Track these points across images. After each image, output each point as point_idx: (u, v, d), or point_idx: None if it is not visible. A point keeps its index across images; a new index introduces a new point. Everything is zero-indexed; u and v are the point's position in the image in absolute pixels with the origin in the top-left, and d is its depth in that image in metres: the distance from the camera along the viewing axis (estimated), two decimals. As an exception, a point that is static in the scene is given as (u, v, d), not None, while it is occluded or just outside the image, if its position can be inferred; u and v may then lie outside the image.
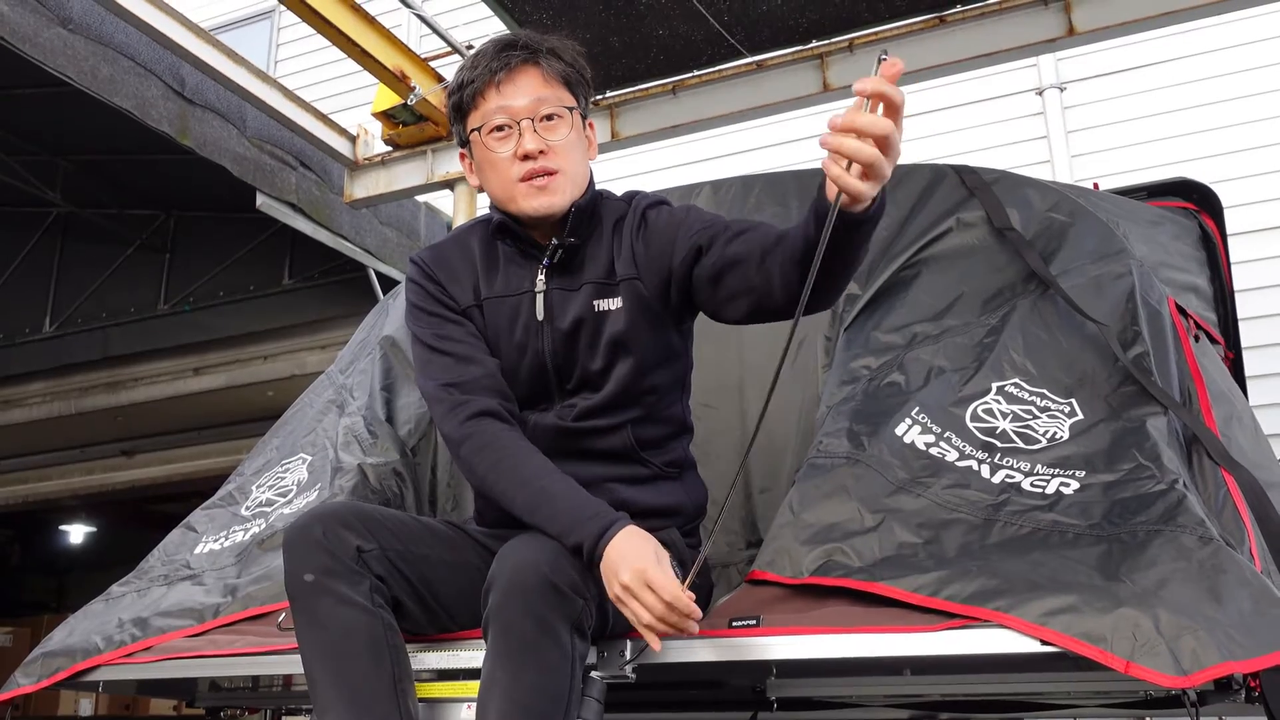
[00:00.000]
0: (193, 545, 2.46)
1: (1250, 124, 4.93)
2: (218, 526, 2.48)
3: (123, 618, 2.23)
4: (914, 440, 1.88)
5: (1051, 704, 2.13)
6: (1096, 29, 3.68)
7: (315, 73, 7.06)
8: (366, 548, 1.64)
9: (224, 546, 2.38)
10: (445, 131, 4.58)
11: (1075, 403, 1.87)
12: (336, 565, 1.61)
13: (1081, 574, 1.52)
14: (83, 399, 6.62)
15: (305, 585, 1.61)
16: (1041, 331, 2.04)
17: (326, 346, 5.78)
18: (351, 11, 4.06)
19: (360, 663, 1.58)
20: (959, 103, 5.44)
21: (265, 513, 2.44)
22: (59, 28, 4.05)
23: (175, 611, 2.18)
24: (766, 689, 2.01)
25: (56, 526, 10.73)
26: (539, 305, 1.86)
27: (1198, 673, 1.33)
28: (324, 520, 1.66)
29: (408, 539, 1.72)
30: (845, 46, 3.98)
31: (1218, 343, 2.35)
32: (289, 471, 2.56)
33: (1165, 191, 2.73)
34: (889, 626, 1.56)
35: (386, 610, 1.65)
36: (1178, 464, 1.71)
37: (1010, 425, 1.88)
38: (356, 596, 1.61)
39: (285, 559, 1.65)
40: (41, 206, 6.35)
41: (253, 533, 2.36)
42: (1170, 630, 1.37)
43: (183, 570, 2.38)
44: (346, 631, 1.59)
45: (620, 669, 1.65)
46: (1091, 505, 1.67)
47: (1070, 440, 1.80)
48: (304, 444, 2.61)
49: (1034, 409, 1.87)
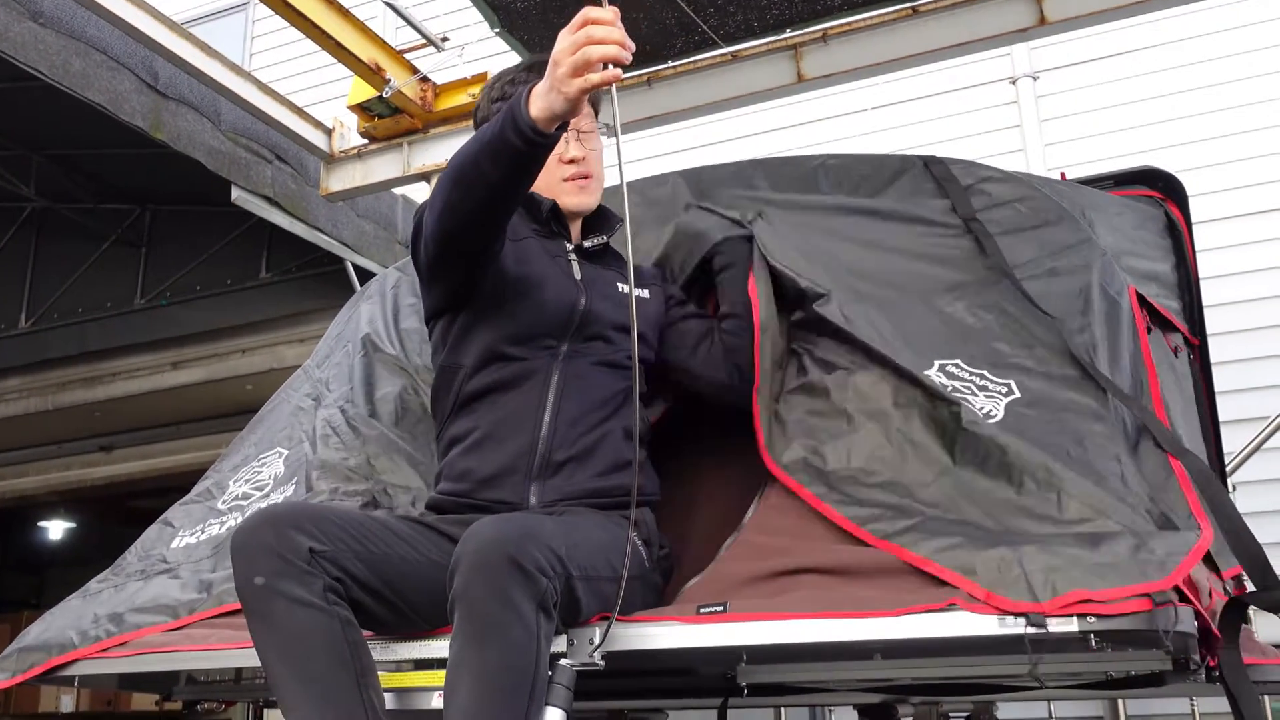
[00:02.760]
0: (169, 540, 2.46)
1: (1219, 112, 4.98)
2: (194, 521, 2.49)
3: (98, 613, 2.23)
4: None
5: (1021, 685, 2.16)
6: (1067, 18, 3.72)
7: (290, 65, 7.03)
8: (320, 549, 1.62)
9: (200, 540, 2.38)
10: (421, 124, 4.58)
11: (1013, 383, 1.91)
12: (287, 567, 1.59)
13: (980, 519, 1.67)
14: (60, 394, 6.58)
15: (256, 589, 1.59)
16: (993, 317, 2.07)
17: (305, 340, 5.76)
18: (325, 4, 4.06)
19: (320, 661, 1.58)
20: (932, 92, 5.46)
21: (241, 506, 2.44)
22: (30, 22, 4.02)
23: (150, 607, 2.18)
24: (737, 675, 2.03)
25: (35, 523, 10.67)
26: (575, 268, 2.11)
27: (1052, 599, 1.41)
28: (275, 522, 1.64)
29: (365, 538, 1.70)
30: (819, 37, 4.01)
31: (1180, 330, 2.38)
32: (265, 465, 2.57)
33: (1131, 180, 2.76)
34: (856, 612, 1.58)
35: (343, 606, 1.63)
36: (1113, 447, 1.75)
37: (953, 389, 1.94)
38: (310, 596, 1.59)
39: (234, 562, 1.63)
40: (16, 201, 6.30)
41: (229, 526, 2.37)
42: (1032, 565, 1.48)
43: (159, 565, 2.38)
44: (303, 632, 1.58)
45: (589, 656, 1.66)
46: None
47: (1003, 417, 1.84)
48: (280, 438, 2.62)
49: (973, 387, 1.90)
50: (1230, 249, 4.70)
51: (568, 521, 1.77)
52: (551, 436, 1.96)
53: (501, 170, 1.77)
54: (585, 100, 1.68)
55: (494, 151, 1.75)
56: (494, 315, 2.02)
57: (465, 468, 1.99)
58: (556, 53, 1.64)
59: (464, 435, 2.02)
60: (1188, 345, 2.43)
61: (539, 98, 1.68)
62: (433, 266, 2.01)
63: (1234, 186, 4.82)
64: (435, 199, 1.90)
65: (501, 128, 1.72)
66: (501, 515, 1.66)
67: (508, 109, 1.72)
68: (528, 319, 2.01)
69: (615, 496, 1.95)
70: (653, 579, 1.95)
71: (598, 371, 2.04)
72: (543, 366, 2.01)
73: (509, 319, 2.01)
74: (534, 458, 1.95)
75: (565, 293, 2.05)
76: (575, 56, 1.61)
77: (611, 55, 1.60)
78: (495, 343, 2.01)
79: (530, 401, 1.98)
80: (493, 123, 1.76)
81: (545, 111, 1.67)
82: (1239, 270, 4.69)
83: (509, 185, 1.81)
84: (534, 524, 1.64)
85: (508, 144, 1.72)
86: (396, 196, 5.72)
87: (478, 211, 1.85)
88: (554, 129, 1.70)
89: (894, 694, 2.37)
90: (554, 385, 1.99)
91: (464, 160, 1.82)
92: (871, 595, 1.61)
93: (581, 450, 1.97)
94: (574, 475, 1.95)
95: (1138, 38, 5.14)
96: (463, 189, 1.83)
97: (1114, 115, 5.18)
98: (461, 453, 2.01)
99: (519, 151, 1.72)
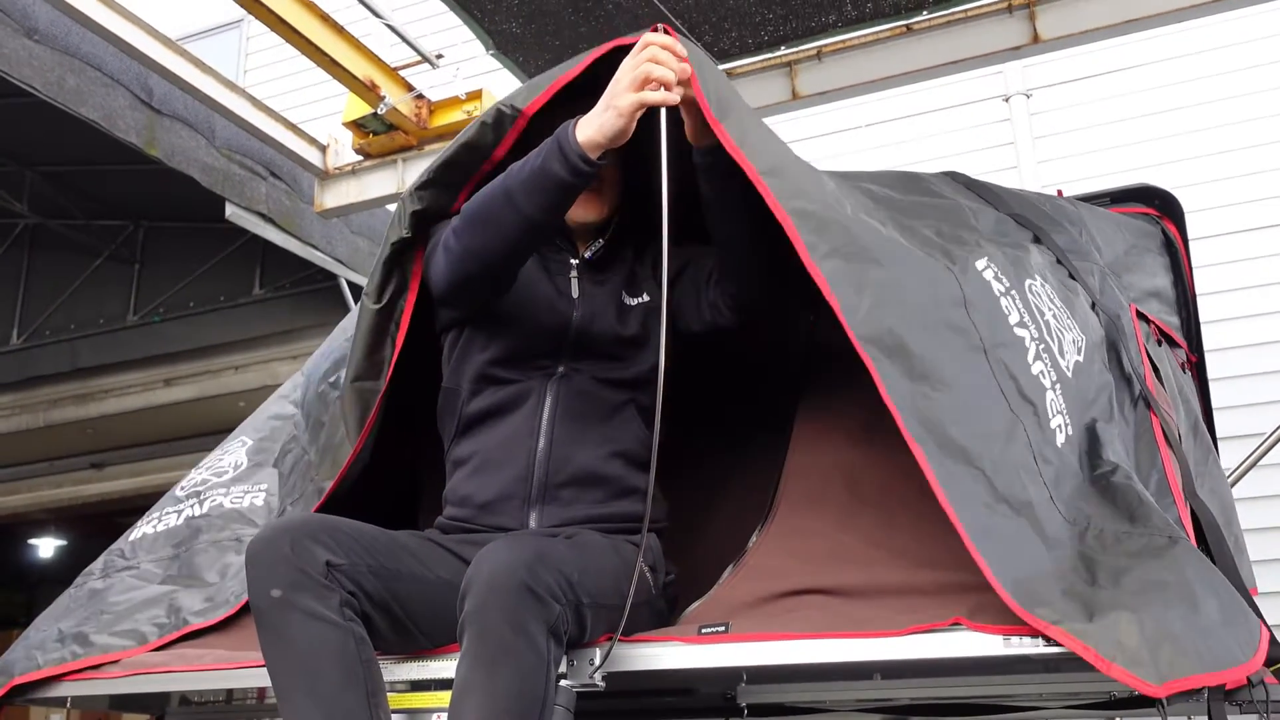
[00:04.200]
0: (129, 532, 2.44)
1: (1214, 129, 5.00)
2: (155, 509, 2.47)
3: (62, 628, 2.20)
4: None
5: (1020, 706, 2.15)
6: (1061, 36, 3.73)
7: (285, 82, 7.02)
8: (337, 562, 1.61)
9: (158, 531, 2.36)
10: (415, 141, 4.57)
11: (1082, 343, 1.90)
12: (305, 580, 1.58)
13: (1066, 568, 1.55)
14: (51, 411, 6.55)
15: (272, 601, 1.58)
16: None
17: (298, 356, 5.73)
18: (320, 21, 4.05)
19: (332, 678, 1.56)
20: (926, 110, 5.48)
21: (199, 492, 2.41)
22: (24, 38, 4.01)
23: (117, 631, 2.15)
24: (737, 695, 2.02)
25: (25, 540, 10.60)
26: (573, 285, 2.04)
27: (1172, 681, 1.35)
28: (292, 533, 1.63)
29: (379, 554, 1.69)
30: (814, 54, 4.02)
31: (1180, 346, 2.38)
32: (227, 454, 2.54)
33: (1128, 197, 2.77)
34: (858, 632, 1.57)
35: (358, 623, 1.62)
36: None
37: (1051, 318, 1.90)
38: (326, 611, 1.58)
39: (249, 573, 1.62)
40: (9, 218, 6.28)
41: (185, 515, 2.34)
42: (1152, 636, 1.38)
43: (119, 560, 2.36)
44: (316, 647, 1.57)
45: (590, 677, 1.65)
46: (1063, 478, 1.70)
47: (1073, 378, 1.81)
48: (246, 428, 2.60)
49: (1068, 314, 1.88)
50: (1226, 265, 4.71)
51: (578, 544, 1.76)
52: (548, 460, 1.93)
53: (537, 204, 1.77)
54: (634, 124, 1.70)
55: (533, 185, 1.76)
56: (486, 338, 2.00)
57: (466, 493, 1.97)
58: (619, 73, 1.69)
59: (465, 459, 2.01)
60: (1186, 362, 2.43)
61: (588, 123, 1.70)
62: (446, 298, 2.00)
63: (1230, 203, 4.84)
64: (452, 245, 1.89)
65: (544, 160, 1.73)
66: (514, 536, 1.65)
67: (550, 142, 1.74)
68: (516, 341, 1.99)
69: (618, 523, 1.93)
70: (658, 605, 1.92)
71: (598, 389, 2.00)
72: (537, 388, 1.98)
73: (499, 342, 1.99)
74: (531, 484, 1.93)
75: (555, 311, 2.02)
76: (636, 72, 1.66)
77: (669, 79, 1.67)
78: (487, 366, 2.00)
79: (525, 425, 1.96)
80: (526, 160, 1.78)
81: (597, 132, 1.69)
82: (1236, 286, 4.70)
83: (544, 220, 1.81)
84: (546, 547, 1.62)
85: (550, 175, 1.73)
86: (391, 213, 5.70)
87: (501, 252, 1.85)
88: (598, 158, 1.72)
89: (894, 715, 2.35)
90: (548, 406, 1.96)
91: (489, 200, 1.82)
92: (874, 615, 1.60)
93: (582, 475, 1.94)
94: (574, 502, 1.93)
95: (1131, 55, 5.17)
96: (489, 229, 1.83)
97: (1108, 132, 5.20)
98: (463, 478, 1.99)
99: (563, 183, 1.73)
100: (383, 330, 2.04)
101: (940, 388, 1.62)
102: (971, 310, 1.75)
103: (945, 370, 1.64)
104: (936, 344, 1.67)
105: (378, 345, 2.05)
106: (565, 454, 1.94)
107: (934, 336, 1.68)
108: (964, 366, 1.68)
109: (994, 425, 1.65)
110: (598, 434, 1.97)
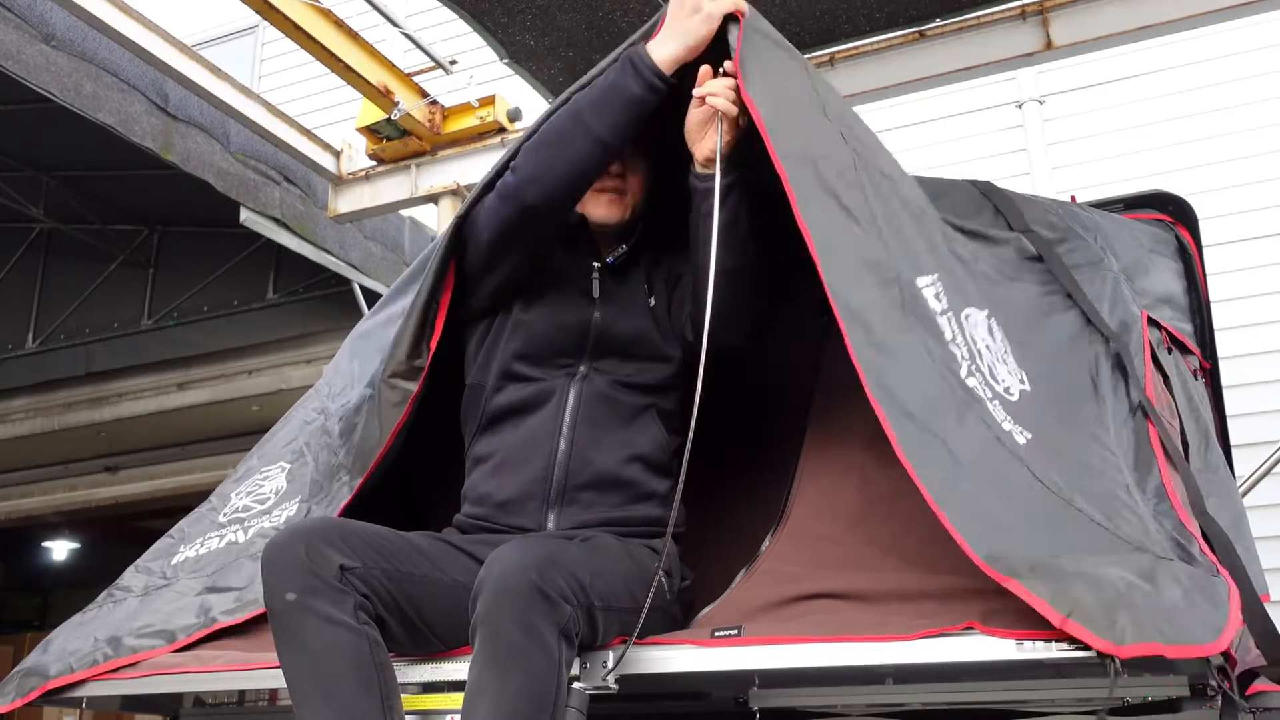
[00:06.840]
0: (170, 554, 2.45)
1: (1227, 135, 4.99)
2: (196, 534, 2.48)
3: (98, 635, 2.22)
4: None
5: (1034, 712, 2.14)
6: (1074, 43, 3.73)
7: (299, 87, 7.06)
8: (350, 565, 1.61)
9: (199, 554, 2.37)
10: (429, 146, 4.59)
11: (1025, 374, 1.90)
12: (319, 583, 1.58)
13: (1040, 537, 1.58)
14: (66, 415, 6.58)
15: (287, 604, 1.58)
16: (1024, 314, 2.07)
17: (312, 361, 5.76)
18: (335, 27, 4.08)
19: (347, 682, 1.56)
20: (939, 116, 5.48)
21: (241, 519, 2.43)
22: (42, 44, 4.05)
23: (147, 632, 2.16)
24: (749, 699, 2.01)
25: (39, 544, 10.64)
26: (595, 286, 2.06)
27: (1128, 645, 1.36)
28: (306, 537, 1.63)
29: (392, 556, 1.70)
30: (826, 61, 4.01)
31: (1193, 353, 2.37)
32: (267, 479, 2.55)
33: (1141, 204, 2.76)
34: (871, 635, 1.57)
35: (372, 627, 1.62)
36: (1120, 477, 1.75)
37: (984, 348, 1.90)
38: (341, 614, 1.58)
39: (265, 577, 1.62)
40: (25, 222, 6.32)
41: (228, 540, 2.35)
42: (1110, 600, 1.40)
43: (158, 580, 2.37)
44: (332, 651, 1.57)
45: (603, 680, 1.64)
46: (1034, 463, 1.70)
47: (1018, 401, 1.82)
48: (284, 452, 2.60)
49: (1005, 350, 1.89)
50: (1241, 272, 4.69)
51: (592, 547, 1.76)
52: (568, 462, 1.94)
53: (607, 122, 1.81)
54: (708, 34, 1.76)
55: (604, 102, 1.80)
56: (510, 333, 2.02)
57: (485, 491, 1.98)
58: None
59: (486, 457, 2.01)
60: (1200, 369, 2.42)
61: (661, 40, 1.76)
62: (492, 249, 1.99)
63: (1244, 210, 4.82)
64: (522, 165, 1.90)
65: (619, 76, 1.78)
66: (526, 538, 1.65)
67: (623, 59, 1.79)
68: (540, 337, 2.00)
69: (635, 526, 1.93)
70: (672, 610, 1.92)
71: (619, 393, 2.01)
72: (559, 387, 1.99)
73: (523, 338, 2.01)
74: (550, 484, 1.93)
75: (578, 309, 2.03)
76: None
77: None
78: (511, 362, 2.01)
79: (546, 425, 1.97)
80: (599, 80, 1.82)
81: (672, 41, 1.76)
82: (1250, 294, 4.68)
83: (612, 141, 1.84)
84: (558, 549, 1.63)
85: (624, 91, 1.77)
86: (404, 218, 5.73)
87: (565, 177, 1.87)
88: (672, 74, 1.76)
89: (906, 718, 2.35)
90: (569, 407, 1.97)
91: (561, 121, 1.85)
92: (886, 619, 1.60)
93: (601, 478, 1.95)
94: (593, 504, 1.93)
95: (1145, 61, 5.16)
96: (556, 151, 1.86)
97: (1121, 139, 5.18)
98: (483, 475, 2.00)
99: (635, 98, 1.77)
100: (421, 326, 2.06)
101: (887, 354, 1.65)
102: (906, 311, 1.77)
103: (893, 342, 1.67)
104: (885, 320, 1.70)
105: (418, 341, 2.07)
106: (585, 456, 1.94)
107: (885, 317, 1.70)
108: (904, 344, 1.70)
109: (941, 402, 1.67)
110: (618, 438, 1.98)
